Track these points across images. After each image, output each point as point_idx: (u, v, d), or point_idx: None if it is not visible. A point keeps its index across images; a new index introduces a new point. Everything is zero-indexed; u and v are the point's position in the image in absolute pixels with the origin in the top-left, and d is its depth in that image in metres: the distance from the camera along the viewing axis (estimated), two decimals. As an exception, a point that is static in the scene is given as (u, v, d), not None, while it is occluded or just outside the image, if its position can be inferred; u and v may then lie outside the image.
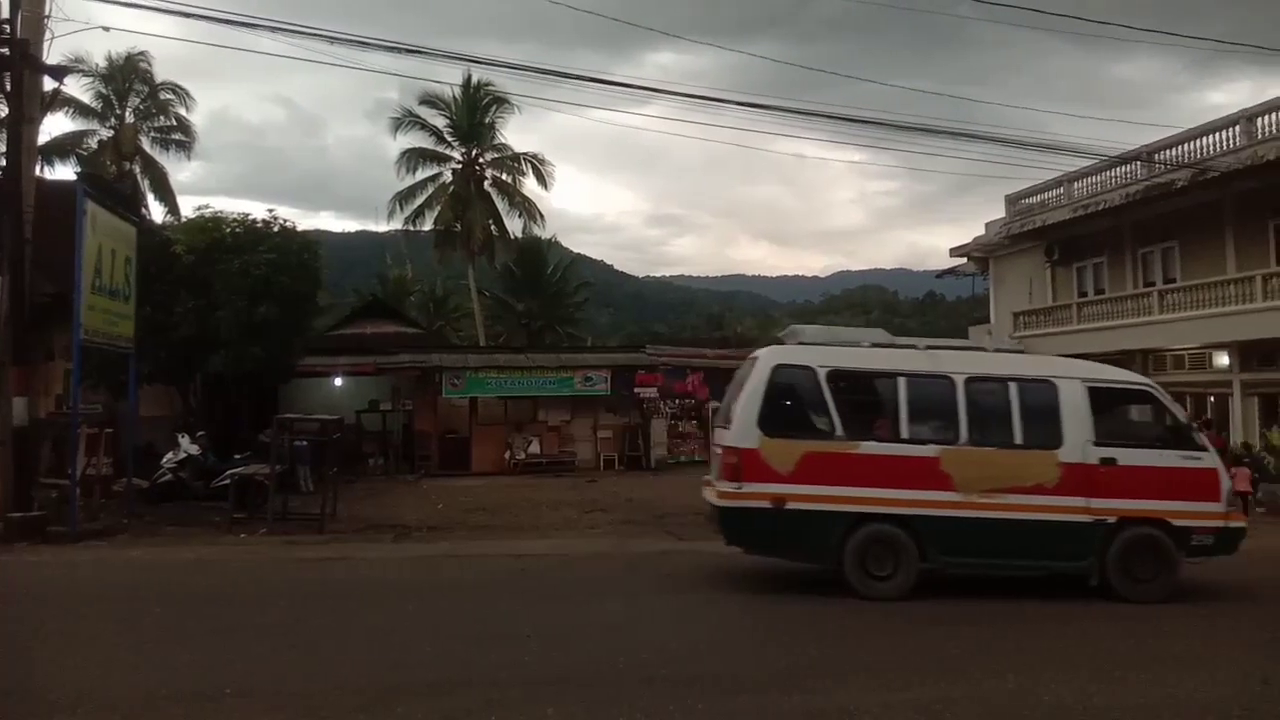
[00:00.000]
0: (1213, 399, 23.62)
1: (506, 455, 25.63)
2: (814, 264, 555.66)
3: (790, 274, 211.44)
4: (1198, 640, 7.49)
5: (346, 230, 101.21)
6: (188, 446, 17.15)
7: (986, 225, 34.19)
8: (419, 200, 37.64)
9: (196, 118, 41.77)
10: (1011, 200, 31.86)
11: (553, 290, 44.56)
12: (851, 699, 5.58)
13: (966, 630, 7.79)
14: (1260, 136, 21.97)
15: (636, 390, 26.14)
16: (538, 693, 5.75)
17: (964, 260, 36.87)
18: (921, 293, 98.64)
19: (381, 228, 50.13)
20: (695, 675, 6.18)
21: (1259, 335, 21.90)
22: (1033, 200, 30.82)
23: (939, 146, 47.98)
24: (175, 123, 35.96)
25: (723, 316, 77.73)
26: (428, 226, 38.19)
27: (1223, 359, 23.67)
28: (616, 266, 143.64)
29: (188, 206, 28.29)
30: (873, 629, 7.82)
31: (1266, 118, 22.13)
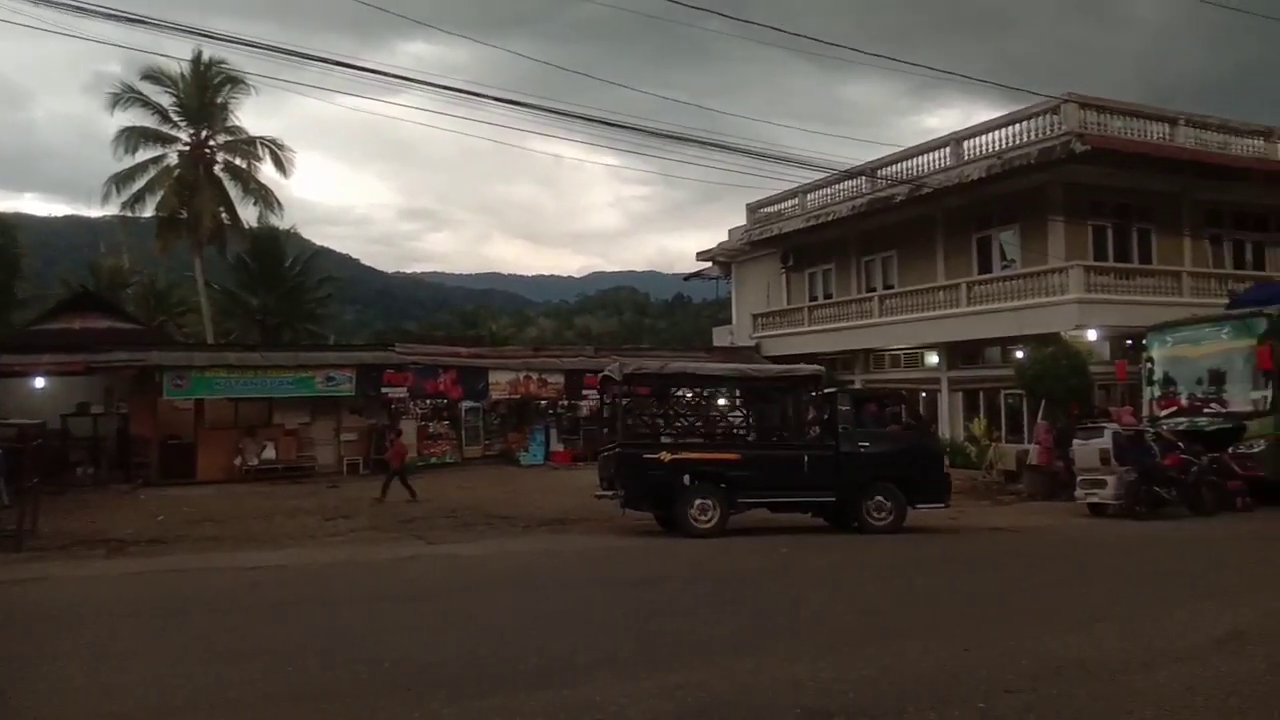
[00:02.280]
0: (925, 394, 26.00)
1: (237, 461, 23.96)
2: (570, 264, 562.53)
3: (546, 273, 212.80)
4: (913, 615, 8.10)
5: (54, 215, 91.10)
6: None
7: (730, 232, 35.94)
8: (139, 184, 34.43)
9: None
10: (752, 209, 33.67)
11: (292, 284, 42.14)
12: (598, 691, 5.56)
13: (708, 616, 8.03)
14: (966, 158, 24.45)
15: (384, 390, 25.24)
16: (271, 711, 5.34)
17: (709, 264, 38.60)
18: (671, 294, 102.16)
19: (95, 213, 45.51)
20: (442, 679, 5.96)
21: (963, 337, 24.41)
22: (771, 209, 32.70)
23: (690, 155, 49.88)
24: None
25: (477, 315, 76.81)
26: (149, 213, 35.03)
27: (933, 358, 26.16)
28: (364, 261, 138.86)
29: None
30: (622, 620, 7.89)
31: (971, 141, 24.66)
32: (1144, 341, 19.00)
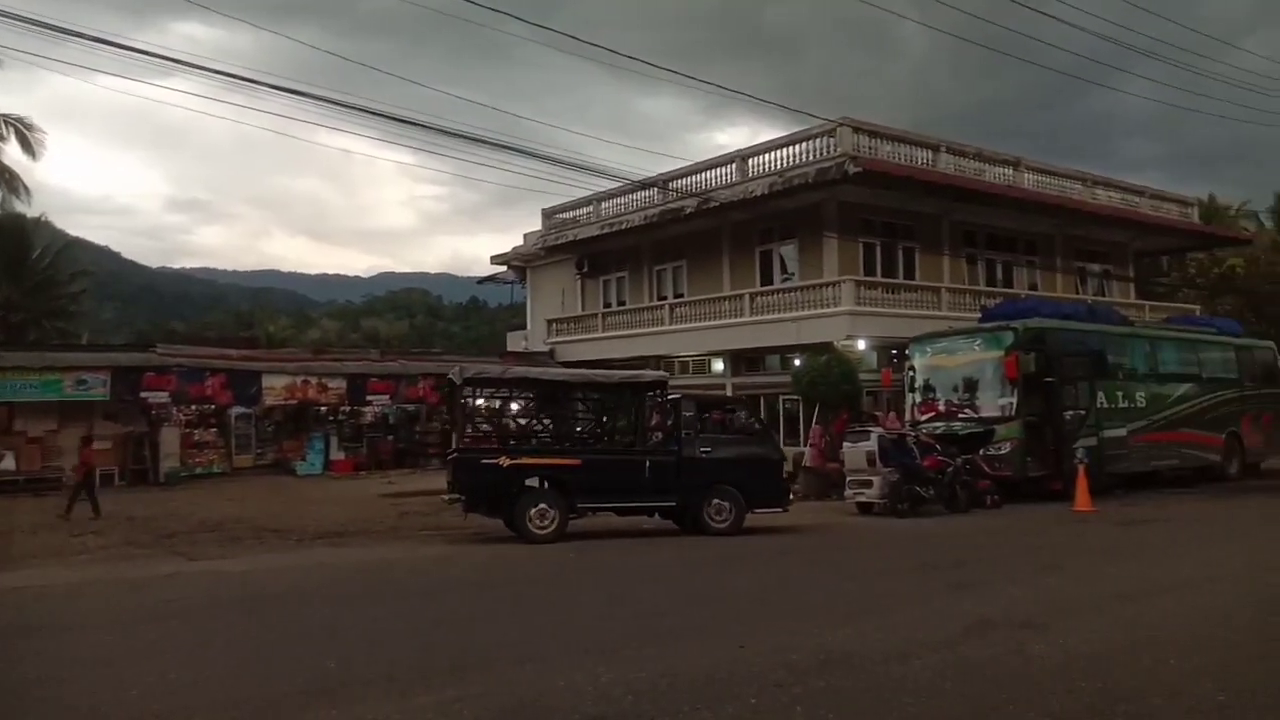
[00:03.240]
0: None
1: (-31, 473, 21.43)
2: (357, 264, 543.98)
3: (331, 272, 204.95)
4: (693, 615, 8.23)
5: None
6: None
7: (525, 236, 35.80)
8: None
9: None
10: (548, 214, 33.68)
11: (40, 278, 38.22)
12: (369, 710, 5.29)
13: (491, 625, 7.86)
14: (751, 174, 25.45)
15: (143, 395, 23.31)
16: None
17: (504, 268, 38.32)
18: (465, 298, 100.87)
19: None
20: (195, 705, 5.50)
21: (746, 345, 25.38)
22: (566, 216, 32.84)
23: (486, 157, 49.41)
24: None
25: (253, 314, 72.61)
26: None
27: (719, 365, 27.03)
28: (125, 254, 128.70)
29: None
30: (400, 634, 7.56)
31: (756, 159, 25.70)
32: (907, 351, 20.37)
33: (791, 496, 14.78)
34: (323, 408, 26.93)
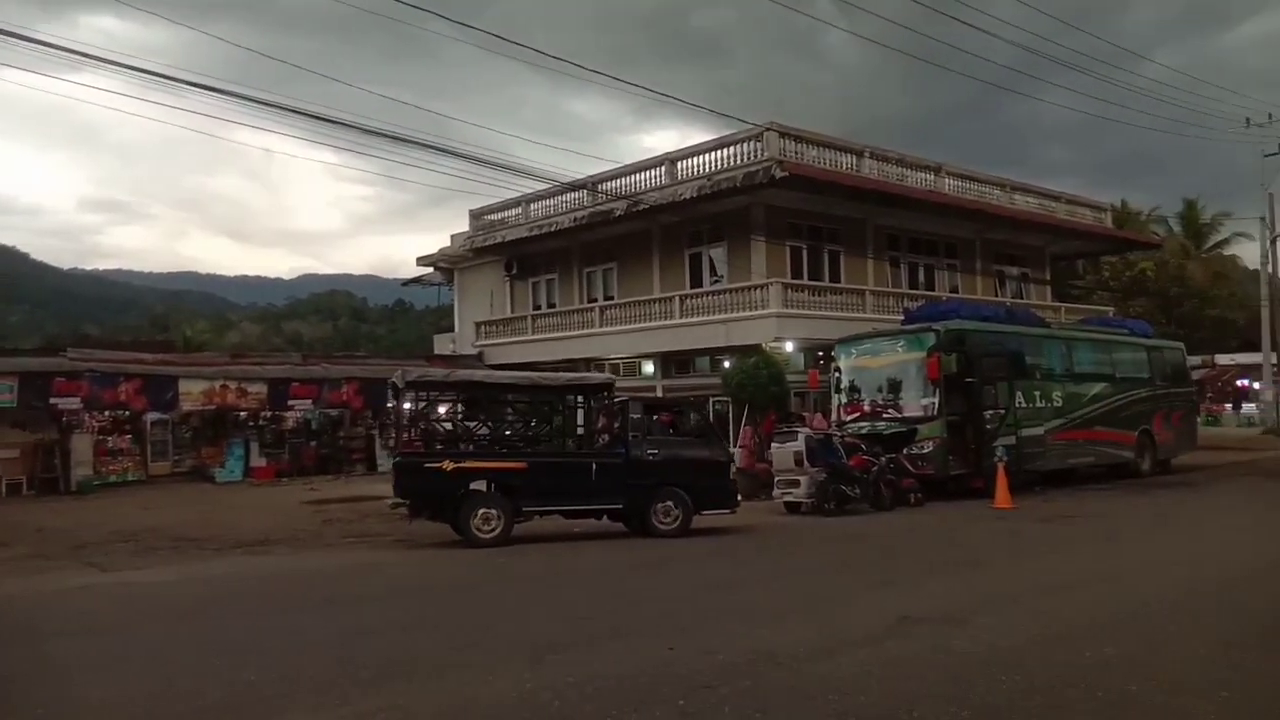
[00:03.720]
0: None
1: None
2: (279, 265, 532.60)
3: (251, 274, 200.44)
4: (621, 617, 8.21)
5: None
6: None
7: (452, 237, 35.40)
8: None
9: None
10: (476, 215, 33.34)
11: (-57, 280, 36.73)
12: (288, 724, 5.14)
13: (416, 634, 7.72)
14: (680, 178, 25.55)
15: (54, 401, 22.44)
16: None
17: (431, 270, 37.79)
18: (391, 300, 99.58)
19: None
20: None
21: (676, 347, 25.47)
22: (495, 217, 32.57)
23: (413, 157, 48.66)
24: None
25: (169, 317, 70.63)
26: None
27: (649, 367, 27.09)
28: (34, 256, 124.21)
29: None
30: (322, 644, 7.38)
31: (685, 162, 25.81)
32: (833, 353, 20.66)
33: (740, 498, 14.79)
34: (243, 413, 26.23)
